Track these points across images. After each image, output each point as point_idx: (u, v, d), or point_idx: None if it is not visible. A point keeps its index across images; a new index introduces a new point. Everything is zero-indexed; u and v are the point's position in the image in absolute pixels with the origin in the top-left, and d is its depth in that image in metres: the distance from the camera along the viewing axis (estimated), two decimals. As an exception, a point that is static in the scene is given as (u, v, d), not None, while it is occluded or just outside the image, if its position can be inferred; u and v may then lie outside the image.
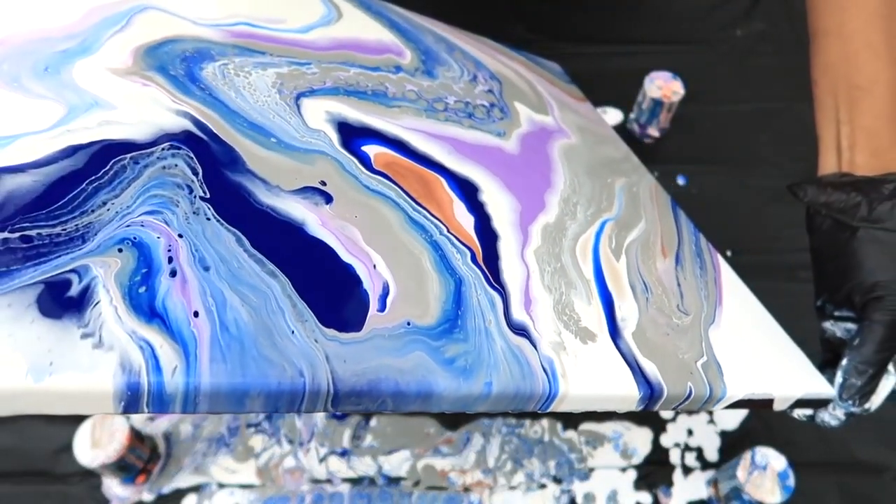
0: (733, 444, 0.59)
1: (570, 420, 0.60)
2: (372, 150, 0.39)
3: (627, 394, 0.37)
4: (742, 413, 0.60)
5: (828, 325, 0.44)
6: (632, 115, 0.75)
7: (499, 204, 0.42)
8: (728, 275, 0.49)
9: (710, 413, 0.61)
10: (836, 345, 0.43)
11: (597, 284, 0.41)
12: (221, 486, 0.56)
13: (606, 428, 0.60)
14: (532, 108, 0.52)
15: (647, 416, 0.60)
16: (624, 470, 0.58)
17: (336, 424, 0.59)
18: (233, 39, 0.40)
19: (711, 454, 0.59)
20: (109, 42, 0.36)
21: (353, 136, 0.39)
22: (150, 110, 0.34)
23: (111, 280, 0.28)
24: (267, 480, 0.57)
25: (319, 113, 0.40)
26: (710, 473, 0.58)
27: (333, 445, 0.58)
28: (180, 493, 0.56)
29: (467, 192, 0.41)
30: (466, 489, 0.57)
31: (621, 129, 0.75)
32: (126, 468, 0.53)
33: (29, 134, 0.30)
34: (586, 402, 0.36)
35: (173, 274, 0.29)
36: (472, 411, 0.34)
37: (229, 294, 0.30)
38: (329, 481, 0.57)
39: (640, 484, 0.58)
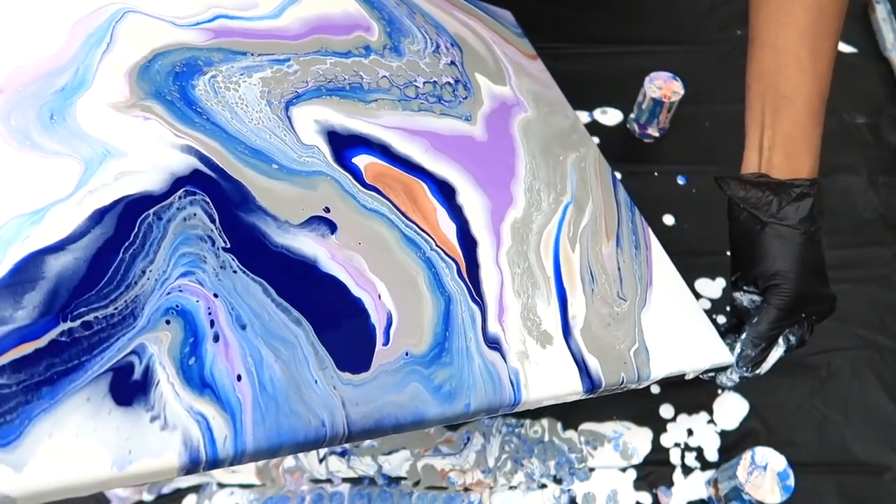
0: (733, 444, 0.59)
1: (570, 420, 0.60)
2: (362, 161, 0.43)
3: (573, 390, 0.42)
4: (742, 413, 0.60)
5: (738, 295, 0.51)
6: (632, 115, 0.75)
7: (474, 205, 0.46)
8: (657, 251, 0.54)
9: (710, 413, 0.61)
10: (742, 312, 0.51)
11: (555, 282, 0.46)
12: (221, 486, 0.56)
13: (606, 428, 0.60)
14: (491, 80, 0.56)
15: (647, 416, 0.60)
16: (624, 470, 0.58)
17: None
18: (215, 41, 0.42)
19: (711, 454, 0.59)
20: (102, 67, 0.37)
21: (343, 147, 0.43)
22: (158, 151, 0.36)
23: (165, 356, 0.31)
24: (267, 480, 0.57)
25: (309, 123, 0.42)
26: (710, 473, 0.58)
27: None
28: (180, 493, 0.56)
29: (447, 195, 0.45)
30: (466, 489, 0.57)
31: (621, 129, 0.75)
32: (126, 468, 0.53)
33: (55, 203, 0.32)
34: (538, 403, 0.41)
35: (216, 339, 0.32)
36: (449, 424, 0.37)
37: (265, 351, 0.33)
38: (329, 481, 0.57)
39: (640, 484, 0.58)
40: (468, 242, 0.44)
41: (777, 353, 0.50)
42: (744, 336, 0.49)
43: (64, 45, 0.37)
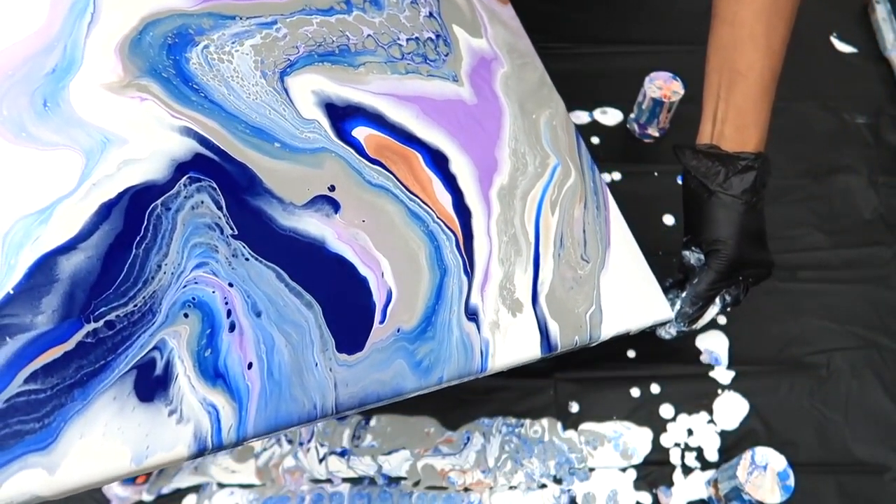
0: (733, 444, 0.59)
1: (570, 420, 0.60)
2: (361, 133, 0.43)
3: (532, 355, 0.43)
4: (742, 413, 0.60)
5: (686, 253, 0.54)
6: (632, 115, 0.75)
7: (464, 173, 0.46)
8: (614, 211, 0.55)
9: (710, 413, 0.61)
10: (689, 269, 0.54)
11: (534, 248, 0.47)
12: (221, 486, 0.56)
13: (606, 428, 0.60)
14: (468, 31, 0.56)
15: (647, 416, 0.60)
16: (624, 470, 0.58)
17: (336, 424, 0.59)
18: (205, 6, 0.42)
19: (711, 454, 0.59)
20: (90, 42, 0.37)
21: (341, 119, 0.43)
22: (157, 135, 0.36)
23: (184, 349, 0.32)
24: (267, 480, 0.57)
25: (306, 95, 0.43)
26: (710, 473, 0.58)
27: (333, 445, 0.58)
28: (180, 493, 0.56)
29: (440, 164, 0.46)
30: (466, 489, 0.57)
31: (621, 129, 0.75)
32: (126, 468, 0.53)
33: (61, 200, 0.32)
34: (498, 370, 0.42)
35: (232, 328, 0.33)
36: (420, 394, 0.39)
37: (277, 336, 0.34)
38: (329, 481, 0.57)
39: (640, 484, 0.58)
40: (464, 213, 0.45)
41: (713, 310, 0.54)
42: (684, 295, 0.53)
43: (47, 20, 0.36)
